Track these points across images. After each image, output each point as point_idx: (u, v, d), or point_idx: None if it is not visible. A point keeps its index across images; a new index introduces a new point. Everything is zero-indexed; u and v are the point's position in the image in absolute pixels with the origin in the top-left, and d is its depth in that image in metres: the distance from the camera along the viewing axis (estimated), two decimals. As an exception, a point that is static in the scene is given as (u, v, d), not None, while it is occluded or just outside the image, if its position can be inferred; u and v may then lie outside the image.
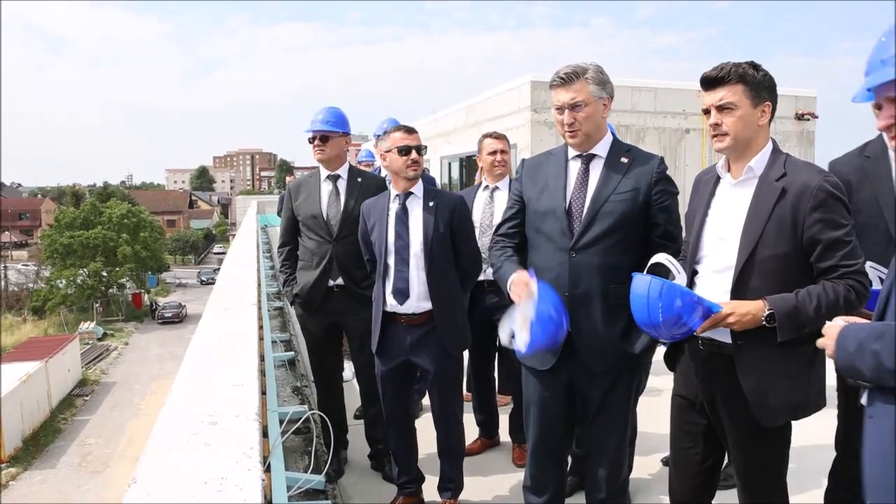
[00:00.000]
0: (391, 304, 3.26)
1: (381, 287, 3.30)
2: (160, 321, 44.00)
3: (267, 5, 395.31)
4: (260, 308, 6.90)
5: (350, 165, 4.04)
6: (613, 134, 2.73)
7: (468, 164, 15.95)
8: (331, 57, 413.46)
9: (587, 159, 2.66)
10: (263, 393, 4.06)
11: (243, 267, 4.56)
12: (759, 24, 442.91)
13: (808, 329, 2.10)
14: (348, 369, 4.81)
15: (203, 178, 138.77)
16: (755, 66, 2.22)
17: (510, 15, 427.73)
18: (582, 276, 2.54)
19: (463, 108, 16.70)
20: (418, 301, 3.24)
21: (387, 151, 3.30)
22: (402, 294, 3.23)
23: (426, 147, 3.29)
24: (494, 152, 4.10)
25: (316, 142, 3.90)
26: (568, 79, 2.55)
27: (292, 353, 6.21)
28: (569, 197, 2.62)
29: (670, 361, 2.51)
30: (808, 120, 14.36)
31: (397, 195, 3.32)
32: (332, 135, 3.91)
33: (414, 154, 3.24)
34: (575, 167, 2.67)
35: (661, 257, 2.30)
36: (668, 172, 2.64)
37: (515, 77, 13.76)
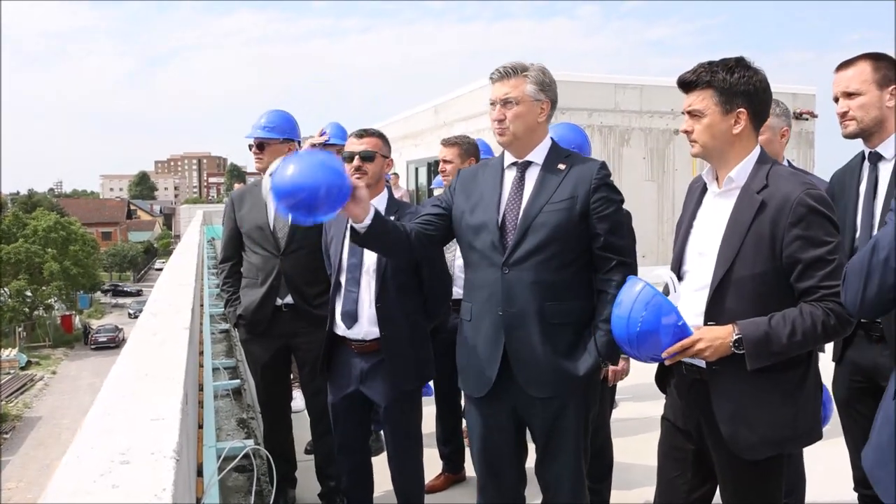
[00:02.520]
0: (340, 326, 3.24)
1: (332, 307, 3.29)
2: (93, 346, 43.36)
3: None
4: (202, 332, 6.85)
5: None
6: (554, 142, 2.76)
7: (436, 170, 16.01)
8: (291, 50, 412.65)
9: (522, 167, 2.69)
10: (200, 426, 4.02)
11: (180, 286, 4.51)
12: (762, 15, 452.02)
13: (782, 357, 2.13)
14: (298, 398, 4.79)
15: (143, 186, 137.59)
16: (730, 69, 2.23)
17: (487, 5, 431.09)
18: (516, 293, 2.57)
19: (431, 107, 16.76)
20: (369, 325, 3.19)
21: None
22: (350, 317, 3.20)
23: (377, 153, 3.18)
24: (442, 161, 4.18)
25: (254, 149, 3.91)
26: (506, 73, 2.62)
27: (238, 381, 6.15)
28: (502, 209, 2.65)
29: (662, 383, 2.53)
30: (807, 119, 14.64)
31: None
32: (270, 142, 3.90)
33: (357, 161, 3.15)
34: (510, 176, 2.71)
35: (664, 272, 2.34)
36: (609, 179, 2.65)
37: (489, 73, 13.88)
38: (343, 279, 3.24)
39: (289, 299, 3.80)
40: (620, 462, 3.85)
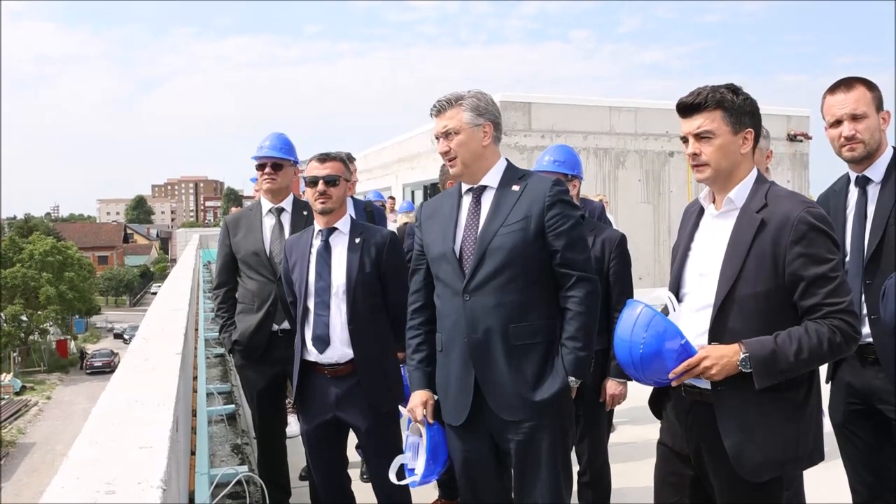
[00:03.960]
0: (312, 352, 3.20)
1: (300, 333, 3.25)
2: (89, 371, 43.10)
3: (214, 18, 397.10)
4: (196, 356, 6.80)
5: (294, 197, 4.03)
6: (510, 164, 2.78)
7: (433, 192, 16.05)
8: (286, 74, 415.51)
9: (478, 192, 2.70)
10: (193, 453, 3.97)
11: (173, 311, 4.48)
12: (752, 40, 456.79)
13: (790, 375, 2.11)
14: (293, 424, 4.74)
15: (140, 210, 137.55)
16: (734, 90, 2.25)
17: (482, 29, 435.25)
18: (479, 318, 2.58)
19: (427, 130, 16.82)
20: (342, 348, 3.17)
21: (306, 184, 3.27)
22: (322, 341, 3.17)
23: (340, 178, 3.20)
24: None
25: (267, 170, 3.90)
26: (441, 107, 2.67)
27: (233, 406, 6.10)
28: (460, 236, 2.67)
29: (656, 408, 2.51)
30: (802, 141, 14.73)
31: (320, 230, 3.26)
32: (284, 163, 3.94)
33: (321, 185, 3.15)
34: (466, 203, 2.72)
35: (663, 293, 2.34)
36: (564, 196, 2.63)
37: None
38: (311, 304, 3.21)
39: (285, 325, 3.78)
40: (619, 487, 3.81)
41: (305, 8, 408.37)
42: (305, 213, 3.94)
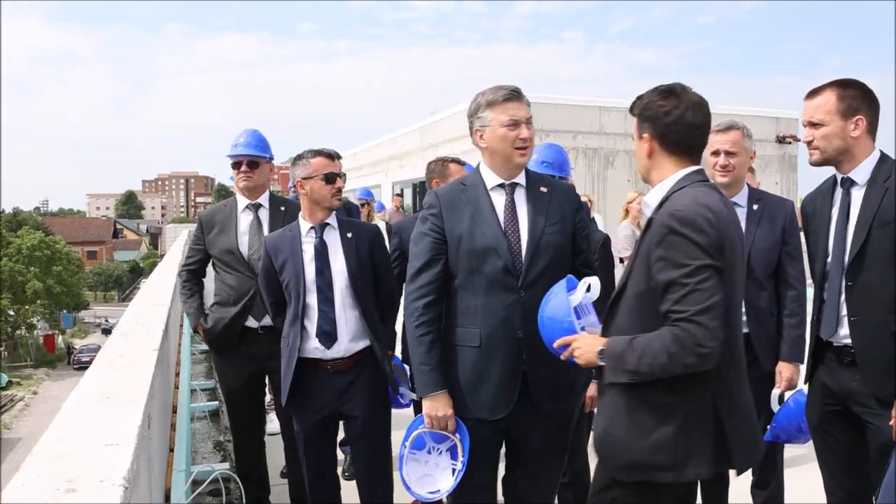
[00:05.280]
0: (315, 348, 3.19)
1: (299, 331, 3.22)
2: (76, 366, 42.73)
3: (209, 16, 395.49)
4: (180, 352, 6.76)
5: (271, 193, 4.01)
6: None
7: (422, 191, 16.01)
8: (281, 72, 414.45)
9: (510, 189, 2.74)
10: (172, 450, 3.94)
11: (155, 306, 4.44)
12: (745, 41, 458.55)
13: (641, 377, 2.11)
14: (273, 421, 4.71)
15: (130, 205, 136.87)
16: (640, 97, 2.34)
17: (476, 29, 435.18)
18: (533, 314, 2.58)
19: (417, 129, 16.80)
20: (349, 342, 3.20)
21: (306, 178, 3.23)
22: (328, 337, 3.17)
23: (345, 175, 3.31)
24: None
25: (243, 168, 3.88)
26: (521, 94, 2.72)
27: (216, 403, 6.07)
28: (503, 231, 2.68)
29: None
30: (790, 143, 14.73)
31: (312, 227, 3.26)
32: (260, 160, 3.92)
33: (339, 182, 3.25)
34: (499, 198, 2.73)
35: (594, 279, 2.47)
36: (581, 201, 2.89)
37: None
38: (313, 300, 3.20)
39: (266, 321, 3.75)
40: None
41: (300, 7, 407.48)
42: (283, 208, 3.93)
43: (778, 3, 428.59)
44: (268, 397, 4.29)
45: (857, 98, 2.65)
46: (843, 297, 2.68)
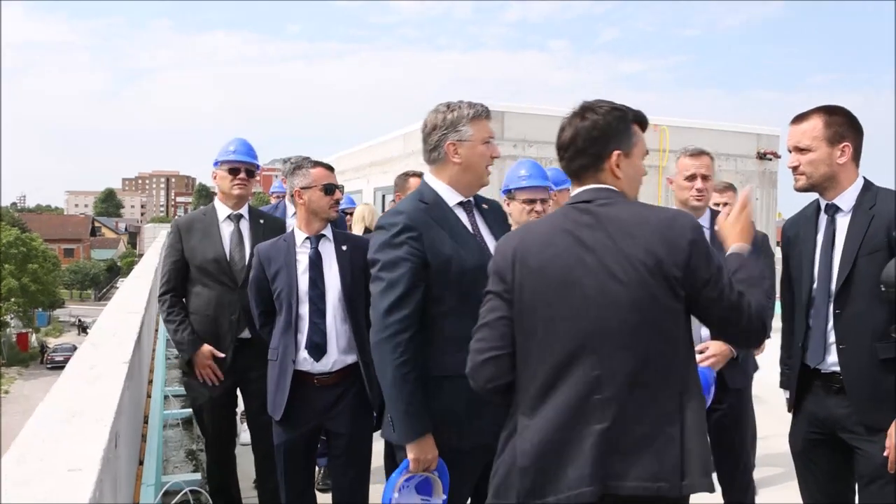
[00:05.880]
0: (304, 360, 3.13)
1: (289, 342, 3.15)
2: (49, 366, 42.15)
3: (194, 13, 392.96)
4: (154, 358, 6.65)
5: (248, 205, 3.95)
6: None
7: (405, 197, 15.94)
8: (265, 71, 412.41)
9: (469, 206, 2.68)
10: (141, 462, 3.86)
11: (128, 313, 4.35)
12: (728, 55, 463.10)
13: None
14: (244, 433, 4.64)
15: (110, 203, 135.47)
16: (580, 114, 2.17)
17: (461, 35, 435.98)
18: None
19: (400, 135, 16.75)
20: (338, 355, 3.15)
21: (304, 188, 3.20)
22: (318, 349, 3.12)
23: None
24: None
25: (241, 175, 3.81)
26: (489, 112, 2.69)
27: (190, 410, 5.97)
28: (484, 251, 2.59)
29: None
30: (771, 160, 14.84)
31: (308, 238, 3.23)
32: (254, 169, 3.89)
33: (338, 193, 3.25)
34: (463, 217, 2.65)
35: None
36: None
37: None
38: (305, 311, 3.16)
39: (246, 334, 3.68)
40: None
41: (288, 7, 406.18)
42: (262, 221, 3.87)
43: (763, 18, 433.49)
44: (240, 408, 4.21)
45: (843, 125, 2.66)
46: (830, 324, 2.68)
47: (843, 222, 2.69)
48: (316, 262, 3.19)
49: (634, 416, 1.88)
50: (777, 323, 2.84)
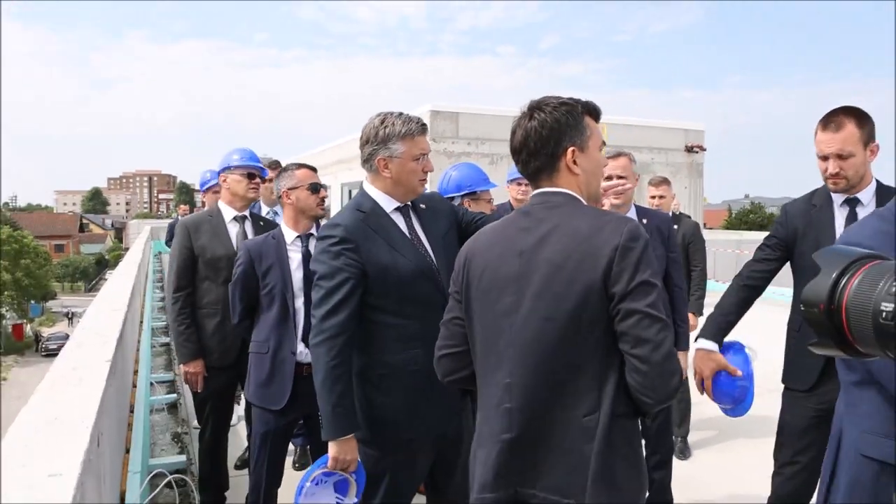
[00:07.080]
0: (302, 352, 3.03)
1: (285, 335, 3.06)
2: (44, 354, 41.08)
3: (168, 23, 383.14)
4: (139, 350, 6.48)
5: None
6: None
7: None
8: (237, 79, 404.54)
9: (405, 211, 2.54)
10: (127, 451, 3.74)
11: (112, 311, 4.18)
12: (656, 59, 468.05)
13: None
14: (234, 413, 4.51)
15: (96, 201, 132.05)
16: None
17: (419, 42, 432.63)
18: None
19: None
20: None
21: (291, 189, 3.10)
22: None
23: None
24: None
25: (256, 179, 3.73)
26: (426, 127, 2.58)
27: (175, 395, 5.82)
28: (422, 254, 2.48)
29: None
30: (697, 152, 15.06)
31: (298, 236, 3.14)
32: (260, 174, 3.80)
33: (323, 192, 3.16)
34: (400, 221, 2.51)
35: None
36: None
37: (420, 105, 13.79)
38: (301, 304, 3.07)
39: None
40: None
41: (255, 17, 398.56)
42: (262, 223, 3.78)
43: (685, 24, 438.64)
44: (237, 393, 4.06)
45: (871, 126, 2.62)
46: None
47: (863, 213, 2.63)
48: (308, 260, 3.08)
49: (542, 428, 1.69)
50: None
